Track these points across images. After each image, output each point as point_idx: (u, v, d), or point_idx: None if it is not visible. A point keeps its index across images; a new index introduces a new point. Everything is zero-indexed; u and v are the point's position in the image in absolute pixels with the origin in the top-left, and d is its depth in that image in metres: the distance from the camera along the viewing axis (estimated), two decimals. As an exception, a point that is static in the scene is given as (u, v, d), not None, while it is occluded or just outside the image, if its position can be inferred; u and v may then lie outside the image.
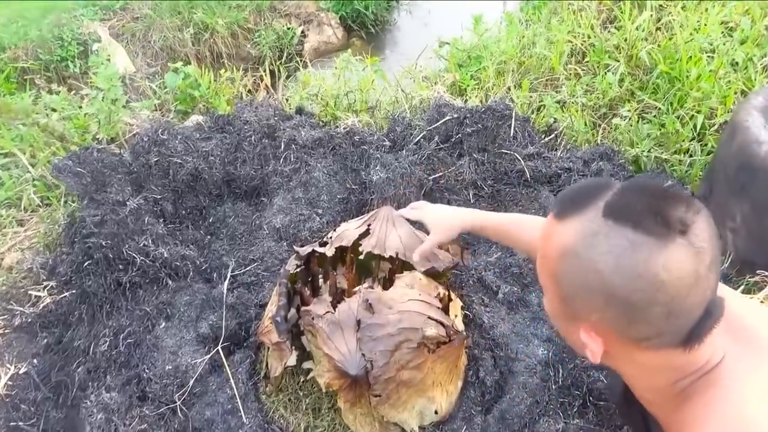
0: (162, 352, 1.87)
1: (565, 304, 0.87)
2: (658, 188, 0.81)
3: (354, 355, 1.59)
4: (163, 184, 2.28)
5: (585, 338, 0.85)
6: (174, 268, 2.06)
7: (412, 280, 1.77)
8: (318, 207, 2.29)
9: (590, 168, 2.28)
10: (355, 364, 1.58)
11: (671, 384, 0.90)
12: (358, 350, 1.60)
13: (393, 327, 1.62)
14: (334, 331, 1.65)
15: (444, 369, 1.71)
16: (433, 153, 2.37)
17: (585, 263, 0.79)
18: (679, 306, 0.78)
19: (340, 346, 1.62)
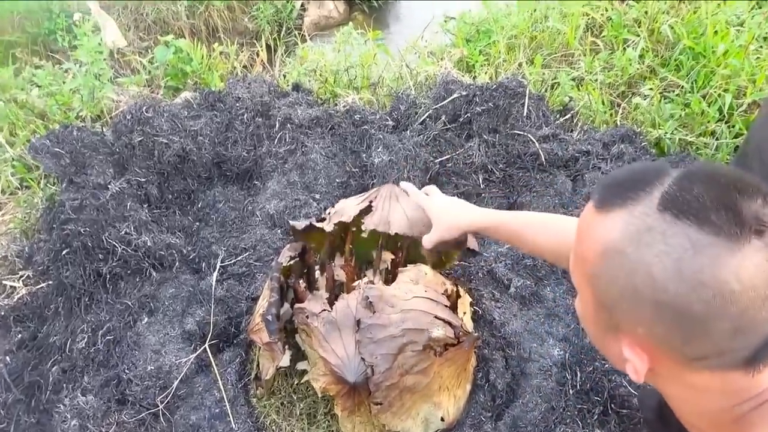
0: (144, 350, 1.72)
1: (603, 312, 0.75)
2: (729, 176, 0.66)
3: (353, 360, 1.44)
4: (148, 166, 2.11)
5: (628, 354, 0.73)
6: (158, 257, 1.90)
7: (417, 275, 1.61)
8: (315, 191, 2.12)
9: (610, 151, 2.10)
10: (353, 370, 1.42)
11: (726, 410, 0.75)
12: (357, 354, 1.44)
13: (396, 328, 1.47)
14: (331, 332, 1.49)
15: (452, 372, 1.56)
16: (440, 134, 2.19)
17: (634, 265, 0.67)
18: (750, 322, 0.64)
19: (337, 348, 1.47)
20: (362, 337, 1.45)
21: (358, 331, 1.46)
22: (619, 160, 2.07)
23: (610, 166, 2.05)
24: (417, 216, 1.62)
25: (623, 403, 1.58)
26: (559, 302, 1.87)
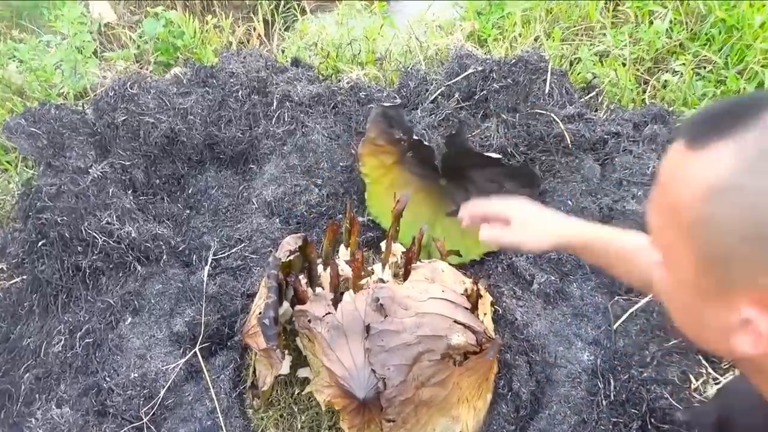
0: (127, 354, 1.54)
1: (713, 269, 0.63)
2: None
3: (361, 372, 1.26)
4: (133, 147, 1.92)
5: (750, 313, 0.60)
6: (144, 250, 1.72)
7: (433, 272, 1.43)
8: (317, 176, 1.93)
9: (642, 132, 1.90)
10: (362, 384, 1.25)
11: None
12: (366, 365, 1.27)
13: (410, 334, 1.29)
14: (337, 339, 1.32)
15: (472, 383, 1.39)
16: (453, 113, 1.99)
17: (753, 198, 0.57)
18: None
19: (343, 358, 1.29)
20: (372, 345, 1.28)
21: (368, 337, 1.29)
22: (652, 143, 1.88)
23: (642, 149, 1.85)
24: None
25: (664, 417, 1.41)
26: (587, 300, 1.69)
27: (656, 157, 1.84)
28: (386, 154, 1.89)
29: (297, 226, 1.85)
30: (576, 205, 1.79)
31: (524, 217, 1.16)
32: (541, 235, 1.13)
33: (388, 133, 1.86)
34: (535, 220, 1.16)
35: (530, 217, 1.16)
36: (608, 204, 1.78)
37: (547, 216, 1.17)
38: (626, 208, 1.74)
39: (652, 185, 1.70)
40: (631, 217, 1.73)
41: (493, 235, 1.20)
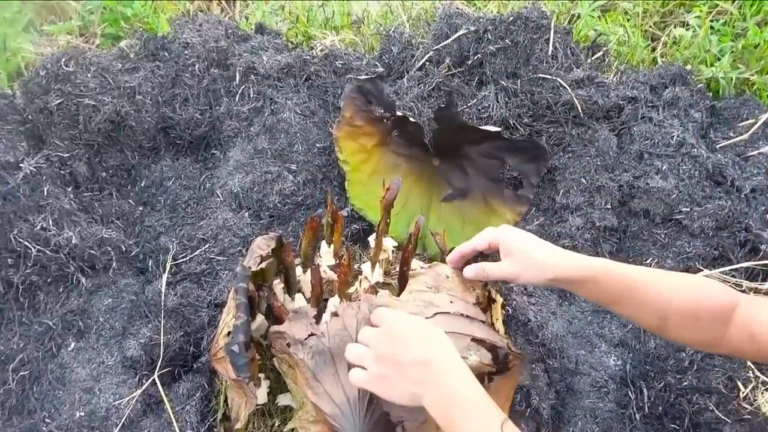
0: (71, 388, 1.29)
1: None
2: None
3: (355, 409, 1.03)
4: (72, 136, 1.63)
5: None
6: (88, 258, 1.45)
7: (437, 279, 1.18)
8: (290, 161, 1.66)
9: (662, 96, 1.67)
10: (357, 424, 1.01)
11: None
12: (363, 398, 1.03)
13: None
14: (324, 367, 1.08)
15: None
16: (445, 81, 1.73)
17: None
18: None
19: (333, 391, 1.05)
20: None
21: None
22: (674, 108, 1.65)
23: (663, 116, 1.62)
24: None
25: (712, 433, 1.21)
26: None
27: (679, 125, 1.61)
28: (366, 136, 1.63)
29: (270, 220, 1.60)
30: (591, 183, 1.56)
31: (521, 245, 1.00)
32: (540, 265, 0.97)
33: (366, 111, 1.60)
34: (536, 246, 0.99)
35: (529, 246, 1.00)
36: (628, 181, 1.55)
37: (547, 244, 1.01)
38: (650, 186, 1.51)
39: (677, 157, 1.47)
40: (656, 196, 1.50)
41: (482, 268, 1.07)
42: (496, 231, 1.05)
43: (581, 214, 1.54)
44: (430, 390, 0.84)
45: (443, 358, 0.86)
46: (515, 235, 1.02)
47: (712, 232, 1.46)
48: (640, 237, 1.51)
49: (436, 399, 0.83)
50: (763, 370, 1.29)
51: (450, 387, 0.83)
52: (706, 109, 1.67)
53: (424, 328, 0.91)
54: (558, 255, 0.97)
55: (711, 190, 1.52)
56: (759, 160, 1.58)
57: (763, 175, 1.55)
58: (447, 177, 1.63)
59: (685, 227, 1.48)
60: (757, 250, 1.44)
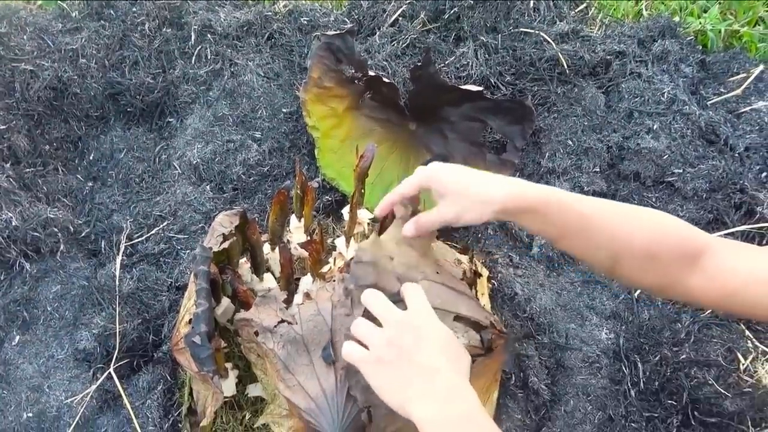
0: (16, 387, 1.16)
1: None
2: None
3: (333, 401, 0.93)
4: (8, 105, 1.46)
5: None
6: (32, 241, 1.31)
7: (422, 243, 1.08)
8: (254, 128, 1.53)
9: (650, 50, 1.56)
10: (335, 420, 0.91)
11: None
12: (339, 391, 0.93)
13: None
14: (296, 357, 0.97)
15: (480, 387, 1.07)
16: (419, 38, 1.60)
17: None
18: None
19: (307, 383, 0.95)
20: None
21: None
22: (663, 62, 1.54)
23: (652, 71, 1.52)
24: None
25: (711, 408, 1.14)
26: (598, 262, 1.38)
27: (669, 80, 1.51)
28: (337, 99, 1.49)
29: (233, 193, 1.47)
30: (578, 145, 1.46)
31: (454, 183, 0.84)
32: (482, 199, 0.81)
33: (335, 71, 1.46)
34: (470, 182, 0.83)
35: (464, 180, 0.84)
36: (618, 141, 1.45)
37: (483, 176, 0.84)
38: (641, 146, 1.41)
39: (669, 115, 1.37)
40: (647, 157, 1.41)
41: (416, 221, 0.91)
42: (425, 170, 0.89)
43: (568, 179, 1.44)
44: (427, 404, 0.71)
45: (457, 378, 0.73)
46: (448, 171, 0.86)
47: (706, 195, 1.38)
48: (631, 201, 1.42)
49: (433, 416, 0.70)
50: (762, 340, 1.23)
51: (454, 409, 0.70)
52: (696, 63, 1.58)
53: (450, 339, 0.78)
54: (499, 184, 0.83)
55: (704, 149, 1.43)
56: (752, 117, 1.50)
57: (756, 133, 1.47)
58: (425, 142, 1.51)
59: (678, 190, 1.40)
60: (753, 212, 1.36)
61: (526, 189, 0.81)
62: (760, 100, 1.53)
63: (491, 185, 0.82)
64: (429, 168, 0.89)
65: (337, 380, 0.93)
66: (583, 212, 0.79)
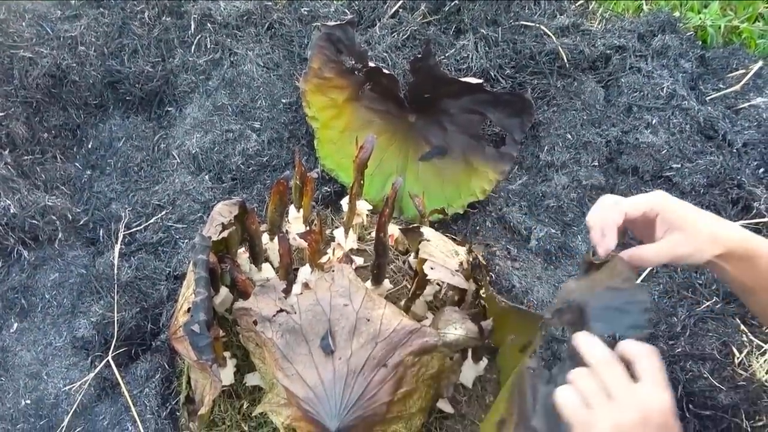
0: (14, 374, 1.17)
1: None
2: None
3: (332, 390, 0.93)
4: (7, 93, 1.46)
5: None
6: (30, 229, 1.31)
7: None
8: (253, 118, 1.53)
9: (650, 45, 1.56)
10: (335, 409, 0.92)
11: None
12: (339, 380, 0.93)
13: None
14: (295, 347, 0.97)
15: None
16: (420, 30, 1.60)
17: None
18: None
19: (305, 372, 0.95)
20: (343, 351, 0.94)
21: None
22: (663, 57, 1.55)
23: (652, 66, 1.52)
24: None
25: (705, 402, 1.15)
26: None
27: (669, 75, 1.51)
28: (337, 89, 1.49)
29: (232, 183, 1.47)
30: (577, 139, 1.46)
31: (686, 217, 0.79)
32: (709, 243, 0.77)
33: (336, 62, 1.46)
34: (701, 216, 0.79)
35: (694, 216, 0.79)
36: (617, 136, 1.45)
37: (708, 214, 0.80)
38: (639, 141, 1.42)
39: (668, 110, 1.37)
40: (646, 152, 1.41)
41: (638, 255, 0.79)
42: (654, 196, 0.81)
43: (567, 172, 1.44)
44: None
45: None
46: (681, 204, 0.80)
47: (704, 190, 1.39)
48: (629, 196, 1.42)
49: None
50: (756, 334, 1.23)
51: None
52: (696, 58, 1.58)
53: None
54: (727, 225, 0.79)
55: (702, 144, 1.44)
56: (750, 113, 1.50)
57: (754, 129, 1.47)
58: (424, 134, 1.51)
59: (676, 184, 1.40)
60: (749, 207, 1.37)
61: (747, 234, 0.78)
62: (759, 96, 1.53)
63: (719, 225, 0.79)
64: (659, 195, 0.81)
65: (335, 370, 0.94)
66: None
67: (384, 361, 0.95)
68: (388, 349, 0.95)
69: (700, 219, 0.78)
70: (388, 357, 0.95)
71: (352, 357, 0.94)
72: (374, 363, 0.94)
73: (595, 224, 0.80)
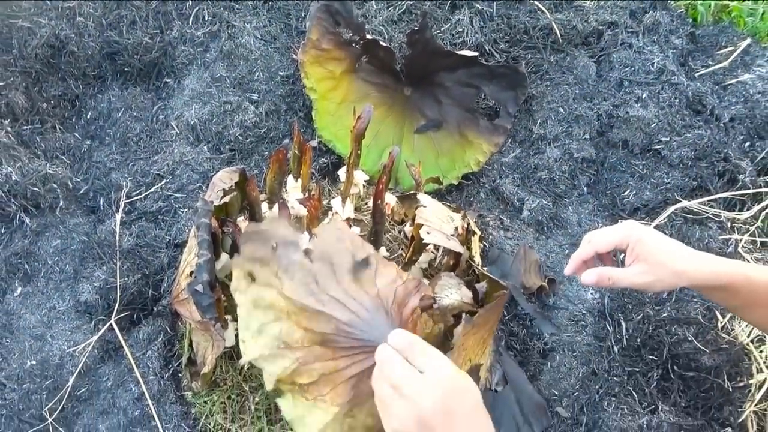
0: (19, 336, 1.20)
1: None
2: None
3: (377, 315, 0.91)
4: (6, 62, 1.47)
5: None
6: (31, 196, 1.33)
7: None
8: (251, 90, 1.55)
9: (642, 21, 1.59)
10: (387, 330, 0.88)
11: None
12: (379, 307, 0.92)
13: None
14: (327, 272, 0.95)
15: (477, 340, 1.11)
16: (416, 4, 1.62)
17: None
18: None
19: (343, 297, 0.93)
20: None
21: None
22: (654, 33, 1.58)
23: (643, 42, 1.55)
24: None
25: (689, 363, 1.20)
26: (586, 226, 1.44)
27: (659, 51, 1.55)
28: (335, 61, 1.51)
29: (231, 154, 1.49)
30: (569, 112, 1.50)
31: (655, 252, 0.86)
32: (677, 275, 0.85)
33: (334, 34, 1.48)
34: (669, 256, 0.86)
35: (664, 253, 0.86)
36: (607, 110, 1.49)
37: (680, 250, 0.88)
38: (630, 114, 1.45)
39: (657, 85, 1.41)
40: (636, 125, 1.45)
41: (608, 276, 0.89)
42: (625, 229, 0.90)
43: (559, 145, 1.48)
44: None
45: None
46: (654, 238, 0.88)
47: (691, 162, 1.43)
48: (618, 168, 1.46)
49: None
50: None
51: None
52: (685, 35, 1.61)
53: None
54: (695, 261, 0.86)
55: (690, 119, 1.47)
56: (738, 89, 1.54)
57: (741, 104, 1.51)
58: (420, 107, 1.54)
59: (664, 157, 1.44)
60: (735, 180, 1.41)
61: (717, 267, 0.85)
62: (746, 72, 1.57)
63: (686, 263, 0.85)
64: (631, 228, 0.89)
65: (371, 298, 0.92)
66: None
67: (405, 302, 0.95)
68: (406, 293, 0.95)
69: (665, 255, 0.86)
70: (406, 299, 0.95)
71: (380, 293, 0.93)
72: (399, 301, 0.94)
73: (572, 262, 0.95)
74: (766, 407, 1.17)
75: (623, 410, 1.15)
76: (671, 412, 1.14)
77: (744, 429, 1.15)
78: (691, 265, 0.85)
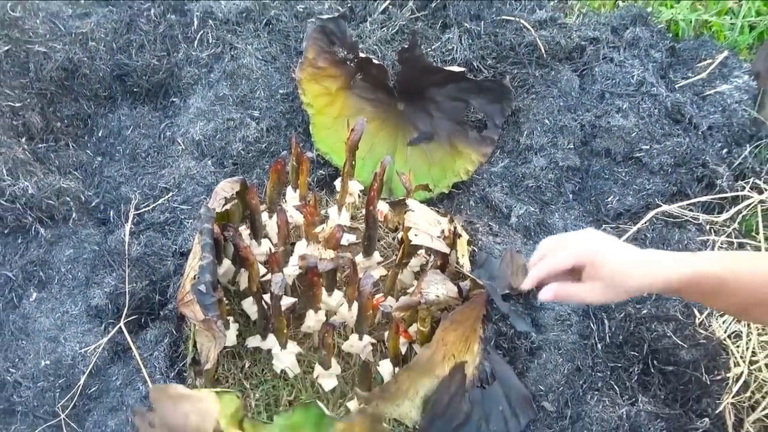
0: (35, 338, 1.27)
1: None
2: None
3: None
4: (23, 85, 1.57)
5: None
6: (46, 208, 1.41)
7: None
8: (252, 107, 1.63)
9: (623, 37, 1.68)
10: None
11: None
12: None
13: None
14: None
15: (459, 336, 1.18)
16: (408, 24, 1.71)
17: None
18: None
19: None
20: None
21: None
22: (634, 48, 1.66)
23: (623, 56, 1.63)
24: None
25: (669, 358, 1.26)
26: (571, 231, 1.49)
27: (639, 65, 1.63)
28: (330, 79, 1.60)
29: (233, 168, 1.57)
30: (554, 123, 1.57)
31: (610, 274, 0.88)
32: (627, 291, 0.88)
33: (329, 53, 1.57)
34: (623, 276, 0.88)
35: (619, 274, 0.88)
36: (590, 120, 1.57)
37: (639, 261, 0.89)
38: (611, 124, 1.53)
39: (637, 96, 1.49)
40: (617, 134, 1.52)
41: (566, 291, 0.91)
42: (584, 249, 0.90)
43: (545, 155, 1.55)
44: None
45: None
46: (605, 258, 0.88)
47: (671, 169, 1.50)
48: (602, 176, 1.53)
49: None
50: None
51: None
52: (666, 49, 1.69)
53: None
54: (648, 277, 0.87)
55: (670, 128, 1.54)
56: (716, 99, 1.61)
57: (719, 113, 1.58)
58: (412, 120, 1.62)
59: (645, 165, 1.51)
60: (713, 185, 1.48)
61: (669, 276, 0.85)
62: (724, 83, 1.64)
63: (639, 279, 0.87)
64: (585, 247, 0.90)
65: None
66: (722, 282, 0.84)
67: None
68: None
69: (618, 276, 0.87)
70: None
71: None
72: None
73: (528, 277, 0.95)
74: (743, 399, 1.22)
75: (605, 402, 1.21)
76: (650, 404, 1.19)
77: (721, 420, 1.20)
78: (644, 283, 0.87)
